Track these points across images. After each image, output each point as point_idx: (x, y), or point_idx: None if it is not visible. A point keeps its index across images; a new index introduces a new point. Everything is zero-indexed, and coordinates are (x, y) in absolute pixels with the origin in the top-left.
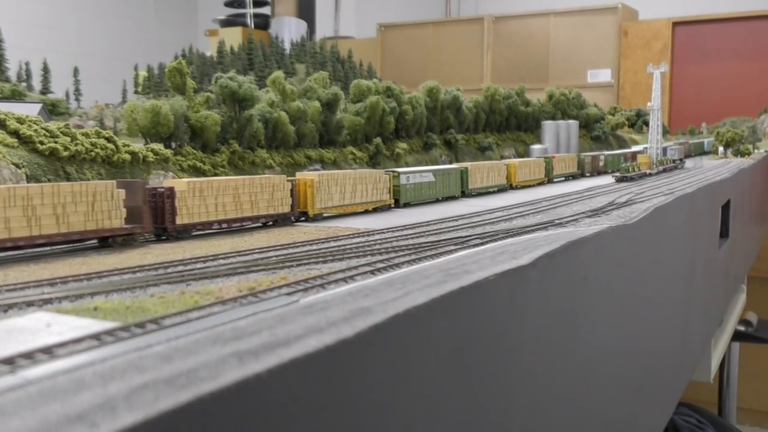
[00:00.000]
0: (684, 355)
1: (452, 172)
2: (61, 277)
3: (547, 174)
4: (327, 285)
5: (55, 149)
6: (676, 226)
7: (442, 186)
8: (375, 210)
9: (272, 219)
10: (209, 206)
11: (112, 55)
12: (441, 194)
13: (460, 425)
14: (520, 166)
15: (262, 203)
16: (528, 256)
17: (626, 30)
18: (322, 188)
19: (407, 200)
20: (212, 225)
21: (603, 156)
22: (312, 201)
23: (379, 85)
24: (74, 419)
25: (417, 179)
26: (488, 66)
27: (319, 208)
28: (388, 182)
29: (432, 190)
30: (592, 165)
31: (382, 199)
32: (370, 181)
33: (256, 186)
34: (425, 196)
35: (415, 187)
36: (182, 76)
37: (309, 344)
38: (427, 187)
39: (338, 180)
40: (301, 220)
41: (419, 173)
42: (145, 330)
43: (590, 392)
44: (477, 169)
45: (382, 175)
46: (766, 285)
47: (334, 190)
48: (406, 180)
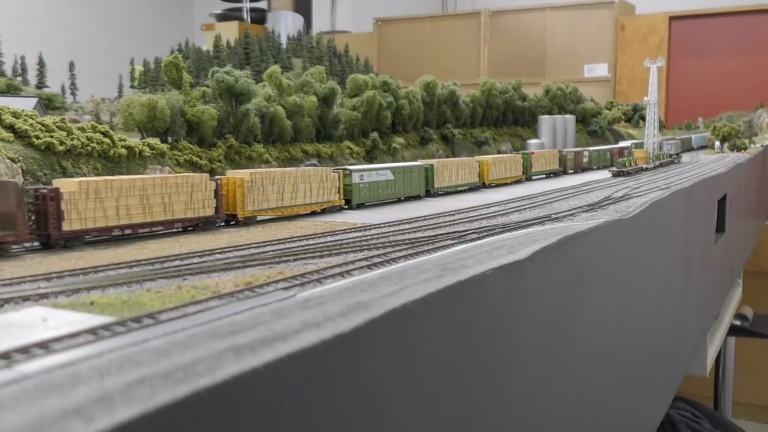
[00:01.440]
0: (680, 349)
1: (415, 170)
2: (57, 272)
3: (525, 171)
4: (324, 280)
5: (51, 144)
6: (673, 220)
7: (403, 185)
8: (323, 212)
9: (192, 223)
10: (108, 210)
11: (108, 50)
12: (402, 194)
13: (456, 419)
14: (493, 163)
15: (178, 206)
16: (525, 251)
17: (623, 24)
18: (255, 188)
19: (360, 201)
20: (112, 231)
21: (587, 152)
22: (242, 202)
23: (375, 80)
24: (70, 414)
25: (373, 177)
26: (485, 60)
27: (251, 211)
28: (338, 181)
29: (391, 189)
30: (575, 161)
31: (330, 199)
32: (315, 180)
33: (169, 186)
34: (383, 196)
35: (371, 187)
36: (178, 70)
37: (306, 339)
38: (385, 186)
39: (275, 179)
40: (231, 224)
41: (375, 171)
42: (142, 325)
43: (587, 386)
44: (444, 166)
45: (330, 174)
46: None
47: (270, 190)
48: (360, 178)
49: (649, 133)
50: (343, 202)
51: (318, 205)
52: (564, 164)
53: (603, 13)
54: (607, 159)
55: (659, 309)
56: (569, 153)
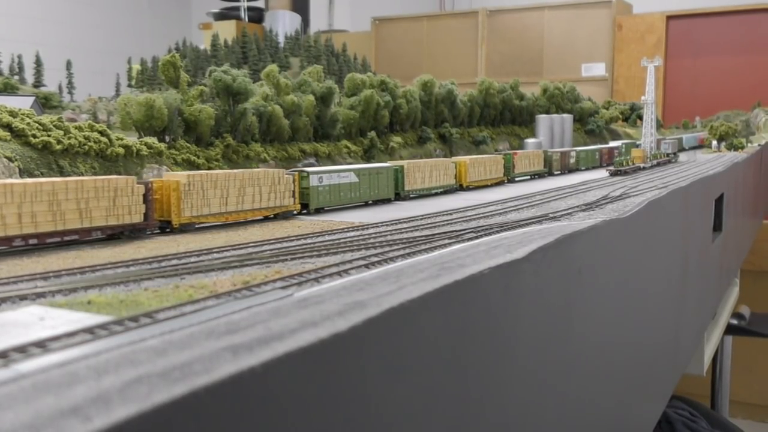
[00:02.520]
0: (677, 348)
1: (383, 171)
2: (54, 271)
3: (507, 172)
4: (321, 279)
5: (48, 143)
6: (670, 219)
7: (369, 187)
8: (275, 217)
9: (114, 231)
10: (7, 217)
11: (105, 48)
12: (368, 197)
13: (454, 418)
14: (472, 164)
15: (97, 212)
16: (522, 250)
17: (620, 24)
18: (194, 192)
19: (319, 205)
20: (12, 241)
21: (574, 152)
22: (178, 208)
23: (373, 79)
24: (68, 413)
25: (333, 180)
26: (483, 60)
27: (188, 217)
28: (292, 184)
29: (355, 192)
30: (562, 162)
31: (284, 204)
32: (265, 183)
33: (86, 190)
34: (345, 199)
35: (331, 190)
36: (176, 69)
37: (303, 338)
38: (348, 189)
39: (218, 181)
40: (167, 231)
41: (337, 173)
42: (139, 324)
43: (584, 385)
44: (416, 167)
45: (284, 176)
46: (759, 278)
47: (212, 194)
48: (318, 181)
49: (646, 132)
50: (298, 206)
51: (269, 210)
52: (549, 165)
53: (600, 13)
54: (596, 159)
55: (656, 308)
56: (555, 153)
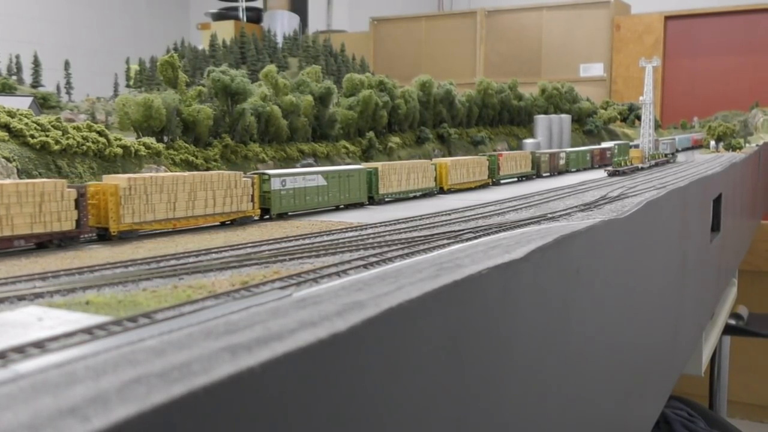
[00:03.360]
0: (675, 348)
1: (354, 174)
2: (52, 271)
3: (492, 175)
4: (320, 279)
5: (46, 143)
6: (668, 219)
7: (339, 191)
8: (233, 223)
9: (42, 240)
10: None
11: (103, 48)
12: (337, 201)
13: (453, 418)
14: (453, 165)
15: (19, 219)
16: (521, 250)
17: (618, 24)
18: (136, 197)
19: (282, 210)
20: None
21: (564, 153)
22: (116, 214)
23: (371, 79)
24: (66, 413)
25: (298, 183)
26: (481, 60)
27: (129, 224)
28: (251, 187)
29: (323, 196)
30: (551, 164)
31: (241, 209)
32: (220, 186)
33: (8, 195)
34: (312, 204)
35: (296, 194)
36: (174, 69)
37: (302, 338)
38: (315, 192)
39: (164, 185)
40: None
41: (302, 176)
42: (138, 324)
43: (582, 385)
44: (392, 169)
45: (241, 179)
46: (757, 278)
47: (157, 198)
48: (281, 184)
49: (644, 132)
50: (258, 212)
51: (224, 216)
52: (537, 167)
53: (599, 13)
54: (587, 161)
55: (655, 308)
56: (543, 155)
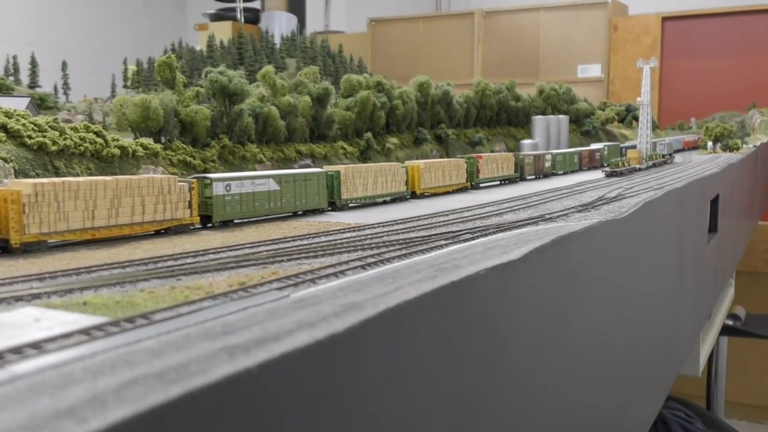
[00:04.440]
0: (673, 349)
1: (312, 178)
2: (50, 272)
3: (471, 178)
4: (318, 280)
5: (44, 144)
6: (666, 220)
7: (295, 196)
8: (166, 231)
9: None
10: None
11: (101, 49)
12: (292, 207)
13: (451, 419)
14: (427, 168)
15: None
16: (518, 251)
17: (616, 25)
18: (44, 204)
19: (226, 217)
20: None
21: (550, 155)
22: (19, 224)
23: (369, 80)
24: (63, 414)
25: (245, 188)
26: (479, 61)
27: (35, 235)
28: (188, 193)
29: (275, 202)
30: (536, 166)
31: (176, 217)
32: (150, 192)
33: None
34: (262, 210)
35: (242, 200)
36: (172, 70)
37: (300, 339)
38: (266, 198)
39: (80, 191)
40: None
41: (250, 180)
42: (135, 325)
43: (580, 386)
44: (356, 173)
45: (176, 184)
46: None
47: (71, 206)
48: (225, 189)
49: (642, 133)
50: (197, 219)
51: (155, 225)
52: (521, 170)
53: (596, 14)
54: (575, 163)
55: (652, 309)
56: (527, 157)
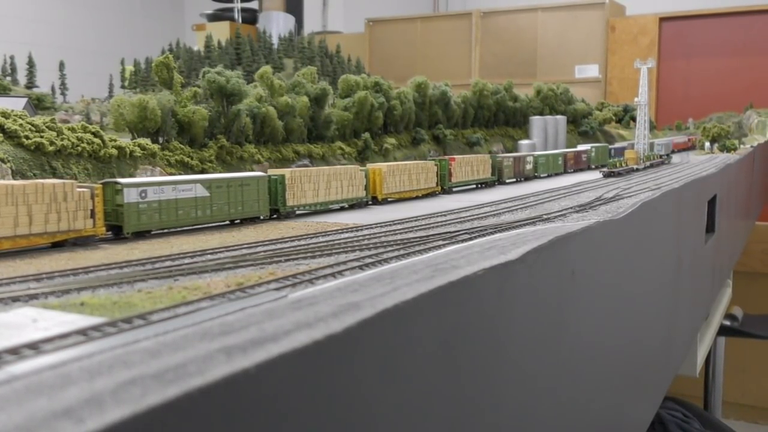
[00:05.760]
0: (670, 349)
1: (251, 182)
2: (47, 273)
3: (443, 181)
4: (315, 280)
5: (41, 144)
6: (663, 221)
7: (228, 203)
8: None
9: None
10: None
11: (98, 49)
12: (225, 216)
13: (448, 419)
14: (390, 172)
15: None
16: (516, 251)
17: (613, 25)
18: None
19: (140, 228)
20: None
21: (531, 157)
22: None
23: (367, 80)
24: (61, 415)
25: (166, 194)
26: (476, 61)
27: None
28: (89, 200)
29: (203, 210)
30: (515, 168)
31: (75, 227)
32: (40, 200)
33: None
34: (187, 220)
35: (162, 207)
36: (169, 70)
37: (297, 339)
38: (192, 206)
39: None
40: None
41: (172, 185)
42: (132, 325)
43: (578, 386)
44: (305, 176)
45: (74, 190)
46: (751, 280)
47: None
48: (140, 196)
49: (639, 134)
50: (102, 230)
51: (47, 237)
52: (499, 173)
53: (594, 14)
54: (559, 165)
55: (650, 309)
56: (506, 159)
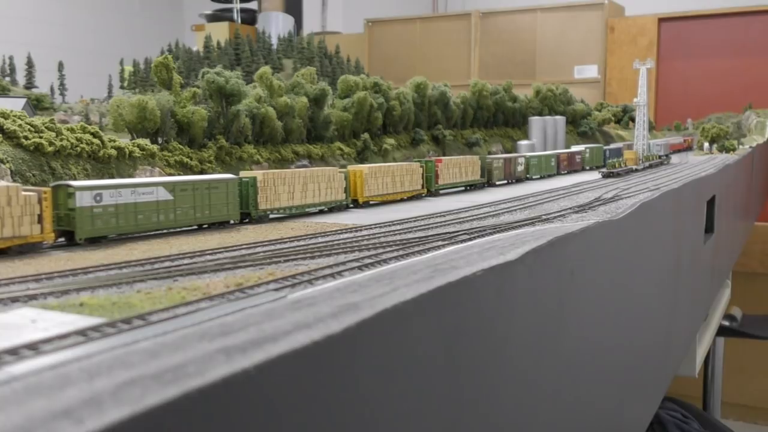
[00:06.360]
0: (669, 349)
1: (219, 185)
2: (46, 273)
3: (429, 184)
4: (315, 281)
5: (40, 144)
6: (662, 221)
7: (194, 207)
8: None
9: None
10: None
11: (97, 50)
12: (191, 220)
13: (448, 419)
14: (372, 174)
15: None
16: (515, 252)
17: (612, 26)
18: None
19: (95, 234)
20: None
21: (522, 159)
22: None
23: (366, 81)
24: (60, 415)
25: (125, 198)
26: (475, 62)
27: None
28: (36, 205)
29: (166, 214)
30: (506, 170)
31: (20, 234)
32: None
33: None
34: (147, 225)
35: (119, 212)
36: (168, 71)
37: (296, 340)
38: (154, 210)
39: None
40: None
41: (132, 188)
42: (132, 326)
43: (577, 386)
44: (279, 179)
45: (19, 193)
46: (750, 280)
47: None
48: (95, 199)
49: (638, 134)
50: (52, 236)
51: None
52: (488, 174)
53: (593, 15)
54: (552, 167)
55: (649, 309)
56: (496, 160)
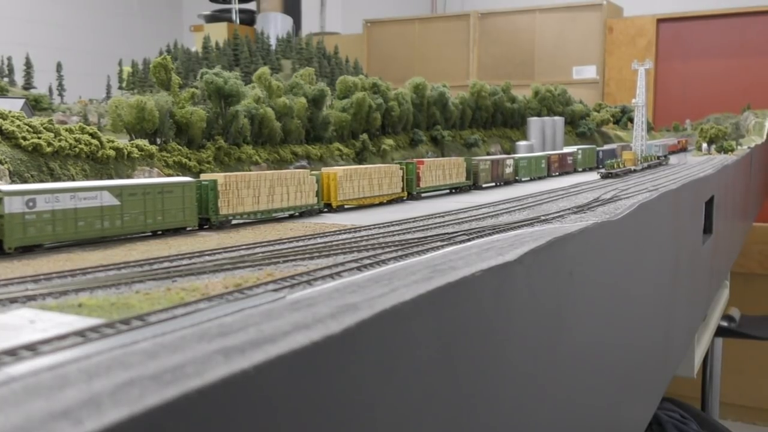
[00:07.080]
0: (668, 350)
1: (174, 189)
2: (45, 274)
3: (410, 186)
4: (313, 281)
5: (39, 145)
6: (661, 222)
7: (144, 213)
8: None
9: None
10: None
11: (95, 50)
12: (142, 227)
13: (446, 420)
14: (346, 176)
15: None
16: (514, 252)
17: (611, 27)
18: None
19: (27, 242)
20: None
21: (511, 160)
22: None
23: (365, 81)
24: (58, 416)
25: (62, 203)
26: (474, 62)
27: None
28: None
29: (112, 221)
30: (493, 173)
31: None
32: None
33: None
34: (88, 232)
35: (56, 219)
36: (167, 71)
37: (295, 340)
38: (97, 216)
39: None
40: None
41: (70, 192)
42: (131, 327)
43: (575, 387)
44: (243, 182)
45: None
46: (748, 281)
47: None
48: (27, 205)
49: (637, 135)
50: None
51: None
52: (475, 177)
53: (591, 15)
54: (542, 169)
55: (647, 310)
56: (483, 162)
